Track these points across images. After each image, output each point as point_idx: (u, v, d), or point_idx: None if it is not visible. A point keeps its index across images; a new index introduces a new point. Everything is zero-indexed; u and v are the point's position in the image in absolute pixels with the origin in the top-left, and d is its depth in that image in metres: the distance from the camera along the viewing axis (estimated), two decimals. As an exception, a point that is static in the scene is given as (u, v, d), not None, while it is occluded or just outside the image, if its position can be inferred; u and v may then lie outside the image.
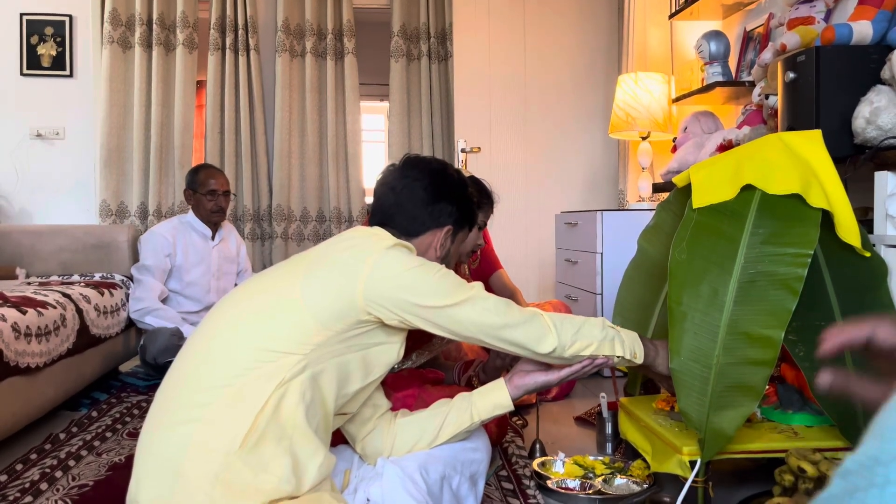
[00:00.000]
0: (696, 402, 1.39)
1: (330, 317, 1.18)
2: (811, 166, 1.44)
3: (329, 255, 1.27)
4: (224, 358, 1.17)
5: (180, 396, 1.17)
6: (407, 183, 1.41)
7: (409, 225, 1.41)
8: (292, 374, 1.14)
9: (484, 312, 1.25)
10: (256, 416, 1.11)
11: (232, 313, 1.24)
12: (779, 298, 1.34)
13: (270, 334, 1.17)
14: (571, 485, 1.73)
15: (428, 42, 4.33)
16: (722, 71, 3.00)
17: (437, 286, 1.24)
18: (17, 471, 1.90)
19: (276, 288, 1.25)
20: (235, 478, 1.08)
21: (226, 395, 1.13)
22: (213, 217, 3.19)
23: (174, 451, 1.11)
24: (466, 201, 1.47)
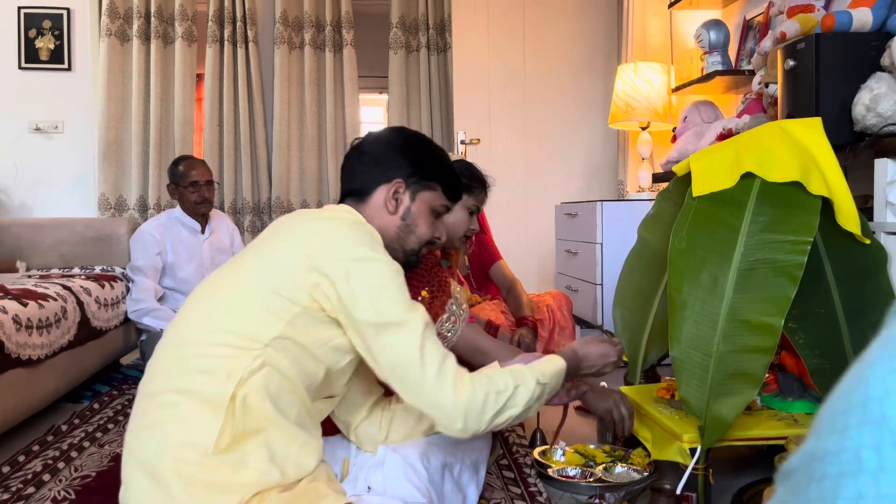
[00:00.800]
0: (696, 390, 1.39)
1: (278, 304, 1.12)
2: (811, 154, 1.44)
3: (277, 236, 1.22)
4: (187, 356, 1.14)
5: (152, 396, 1.15)
6: (359, 145, 1.39)
7: (362, 185, 1.34)
8: (250, 372, 1.10)
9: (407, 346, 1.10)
10: (225, 417, 1.08)
11: (191, 312, 1.21)
12: (779, 286, 1.35)
13: (225, 328, 1.13)
14: (572, 473, 1.74)
15: (427, 33, 4.32)
16: (722, 60, 3.00)
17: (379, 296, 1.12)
18: (20, 462, 1.90)
19: (228, 279, 1.20)
20: (215, 477, 1.06)
21: (194, 394, 1.10)
22: (199, 209, 3.13)
23: (152, 454, 1.09)
24: (422, 154, 1.37)
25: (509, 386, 1.14)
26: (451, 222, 1.81)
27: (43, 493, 1.70)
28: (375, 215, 1.32)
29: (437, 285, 1.66)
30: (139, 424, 1.14)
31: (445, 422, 1.11)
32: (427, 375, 1.10)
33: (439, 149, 1.43)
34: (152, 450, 1.09)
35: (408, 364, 1.10)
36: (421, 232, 1.36)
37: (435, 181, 1.36)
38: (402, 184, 1.34)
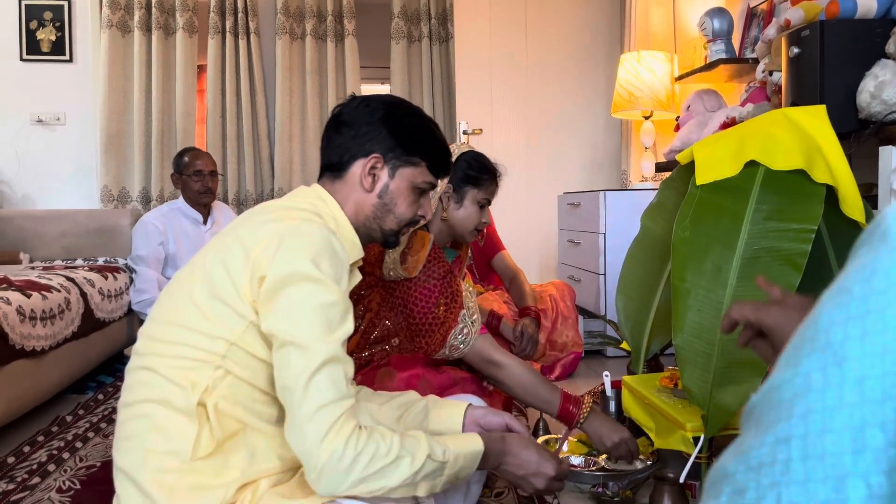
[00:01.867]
0: (699, 379, 1.39)
1: (226, 310, 1.04)
2: (815, 142, 1.43)
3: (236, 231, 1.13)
4: (155, 365, 1.07)
5: (127, 407, 1.10)
6: (337, 114, 1.27)
7: (338, 159, 1.23)
8: (214, 381, 1.04)
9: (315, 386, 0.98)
10: (199, 423, 1.03)
11: (156, 318, 1.15)
12: (782, 274, 1.34)
13: (180, 341, 1.06)
14: (575, 462, 1.74)
15: (429, 23, 4.30)
16: (725, 48, 2.98)
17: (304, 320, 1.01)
18: (25, 452, 1.91)
19: (188, 283, 1.12)
20: (197, 481, 1.03)
21: (165, 404, 1.05)
22: (202, 198, 3.14)
23: (133, 465, 1.06)
24: (405, 126, 1.24)
25: (391, 453, 0.99)
26: (462, 217, 1.80)
27: (48, 483, 1.71)
28: (350, 193, 1.23)
29: (451, 296, 1.65)
30: (119, 436, 1.10)
31: (307, 469, 0.98)
32: (302, 409, 0.97)
33: (426, 119, 1.30)
34: (133, 461, 1.06)
35: (291, 390, 0.98)
36: (400, 211, 1.25)
37: (418, 156, 1.25)
38: (380, 159, 1.22)
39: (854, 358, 0.39)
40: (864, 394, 0.39)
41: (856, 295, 0.41)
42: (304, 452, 0.98)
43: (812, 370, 0.41)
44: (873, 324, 0.39)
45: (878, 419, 0.38)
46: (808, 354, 0.42)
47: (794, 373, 0.42)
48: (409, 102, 1.31)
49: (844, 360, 0.40)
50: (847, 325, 0.40)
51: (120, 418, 1.12)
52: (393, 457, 0.99)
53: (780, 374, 0.44)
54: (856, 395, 0.39)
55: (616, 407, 2.03)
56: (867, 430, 0.38)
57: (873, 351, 0.39)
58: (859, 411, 0.38)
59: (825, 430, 0.39)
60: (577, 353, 2.84)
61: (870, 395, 0.38)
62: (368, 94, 1.29)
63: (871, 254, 0.41)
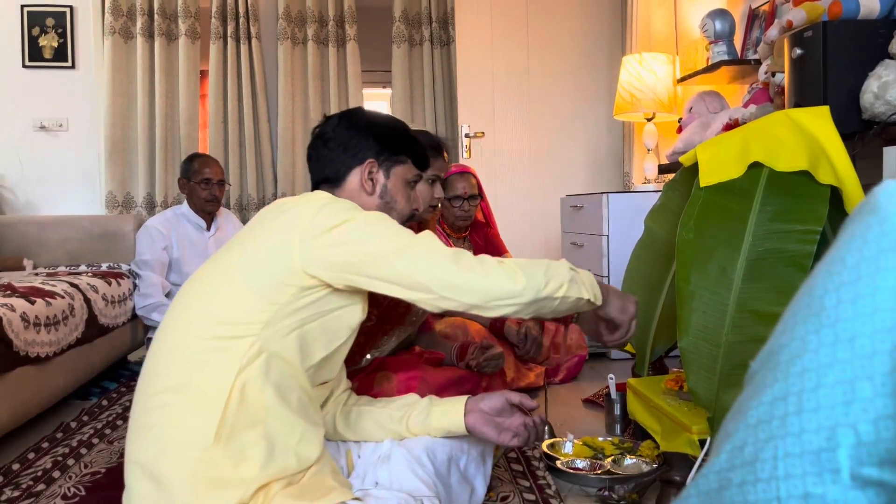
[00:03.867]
0: (705, 381, 1.39)
1: (271, 289, 1.11)
2: (819, 142, 1.43)
3: (261, 224, 1.21)
4: (178, 353, 1.12)
5: (146, 398, 1.14)
6: (321, 132, 1.40)
7: (335, 172, 1.36)
8: (248, 360, 1.09)
9: (433, 259, 1.11)
10: (224, 409, 1.07)
11: (180, 309, 1.20)
12: (788, 276, 1.34)
13: (218, 320, 1.11)
14: (581, 465, 1.74)
15: (430, 27, 4.30)
16: (727, 50, 2.98)
17: (376, 235, 1.13)
18: (30, 459, 1.91)
19: (213, 272, 1.20)
20: (216, 472, 1.06)
21: (188, 392, 1.09)
22: (208, 206, 3.15)
23: (151, 455, 1.08)
24: (386, 130, 1.39)
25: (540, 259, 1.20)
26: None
27: (53, 489, 1.71)
28: (354, 198, 1.33)
29: None
30: (137, 426, 1.13)
31: (512, 285, 1.11)
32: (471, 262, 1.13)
33: (399, 122, 1.46)
34: (152, 451, 1.08)
35: (449, 269, 1.11)
36: (401, 207, 1.39)
37: (403, 154, 1.39)
38: (375, 163, 1.36)
39: (846, 319, 0.42)
40: (854, 350, 0.42)
41: (848, 263, 0.44)
42: (496, 291, 1.11)
43: (807, 333, 0.44)
44: (864, 287, 0.42)
45: (867, 372, 0.41)
46: (803, 320, 0.45)
47: (790, 337, 0.46)
48: (373, 110, 1.48)
49: (838, 322, 0.43)
50: (840, 291, 0.43)
51: (137, 409, 1.14)
52: (545, 261, 1.19)
53: (777, 340, 0.47)
54: (847, 353, 0.42)
55: (621, 410, 2.03)
56: (857, 382, 0.41)
57: (864, 312, 0.42)
58: (850, 366, 0.41)
59: (819, 386, 0.42)
60: (582, 355, 2.83)
61: (860, 352, 0.41)
62: (339, 112, 1.44)
63: (861, 225, 0.44)
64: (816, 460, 0.41)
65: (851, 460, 0.40)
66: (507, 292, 1.12)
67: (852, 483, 0.40)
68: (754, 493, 0.43)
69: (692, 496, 0.48)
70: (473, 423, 1.31)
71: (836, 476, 0.40)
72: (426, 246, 1.14)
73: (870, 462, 0.39)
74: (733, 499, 0.44)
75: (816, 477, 0.41)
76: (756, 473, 0.43)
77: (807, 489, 0.41)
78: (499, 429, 1.32)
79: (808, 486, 0.41)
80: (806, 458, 0.41)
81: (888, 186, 0.44)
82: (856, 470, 0.40)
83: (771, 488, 0.42)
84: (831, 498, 0.40)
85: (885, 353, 0.40)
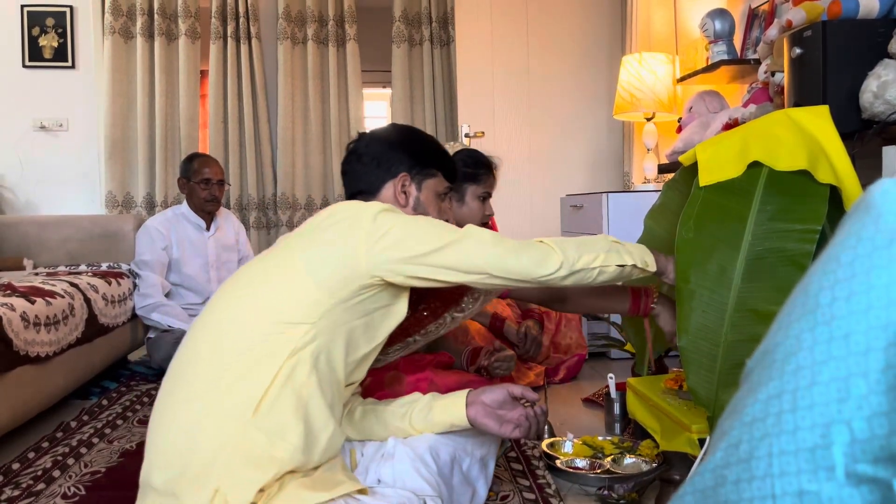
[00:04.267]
0: (704, 380, 1.39)
1: (335, 284, 1.19)
2: (819, 142, 1.42)
3: (324, 227, 1.27)
4: (233, 333, 1.18)
5: (191, 374, 1.18)
6: (354, 148, 1.48)
7: (368, 185, 1.44)
8: (304, 343, 1.16)
9: (482, 244, 1.24)
10: (270, 383, 1.13)
11: (236, 293, 1.25)
12: (787, 275, 1.34)
13: (278, 307, 1.18)
14: (580, 464, 1.74)
15: (430, 27, 4.30)
16: (727, 49, 2.98)
17: (431, 231, 1.24)
18: (30, 459, 1.91)
19: (278, 265, 1.25)
20: (250, 445, 1.10)
21: (237, 367, 1.15)
22: (207, 206, 3.15)
23: (188, 425, 1.13)
24: (417, 145, 1.47)
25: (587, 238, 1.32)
26: (466, 213, 1.85)
27: (53, 489, 1.71)
28: None
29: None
30: (177, 398, 1.18)
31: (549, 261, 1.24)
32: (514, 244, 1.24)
33: (430, 137, 1.53)
34: (192, 419, 1.13)
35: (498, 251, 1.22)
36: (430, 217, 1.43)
37: (434, 167, 1.46)
38: (408, 176, 1.43)
39: (841, 317, 0.42)
40: (849, 347, 0.42)
41: (842, 261, 0.44)
42: (536, 265, 1.23)
43: (802, 331, 0.44)
44: (859, 285, 0.42)
45: (861, 369, 0.41)
46: (798, 318, 0.45)
47: (785, 335, 0.46)
48: (406, 125, 1.56)
49: (833, 319, 0.43)
50: (834, 289, 0.43)
51: (173, 384, 1.20)
52: (579, 238, 1.31)
53: (772, 339, 0.47)
54: (842, 350, 0.42)
55: (621, 409, 2.03)
56: (851, 380, 0.41)
57: (859, 309, 0.42)
58: (844, 364, 0.41)
59: (813, 383, 0.42)
60: (581, 355, 2.83)
61: (855, 349, 0.41)
62: (371, 129, 1.53)
63: (856, 224, 0.45)
64: (811, 457, 0.41)
65: (846, 457, 0.40)
66: (546, 269, 1.24)
67: (847, 480, 0.40)
68: (749, 491, 0.43)
69: (688, 494, 0.48)
70: (475, 415, 1.32)
71: (830, 473, 0.40)
72: (476, 234, 1.25)
73: (864, 459, 0.40)
74: (728, 496, 0.44)
75: (811, 474, 0.41)
76: (751, 471, 0.43)
77: (801, 486, 0.41)
78: (500, 420, 1.33)
79: (802, 483, 0.41)
80: (801, 455, 0.41)
81: (883, 185, 0.44)
82: (850, 467, 0.40)
83: (766, 485, 0.42)
84: (826, 495, 0.40)
85: (879, 350, 0.41)
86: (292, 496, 1.10)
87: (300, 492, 1.10)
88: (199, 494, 1.08)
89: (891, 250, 0.42)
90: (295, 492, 1.10)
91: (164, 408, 1.19)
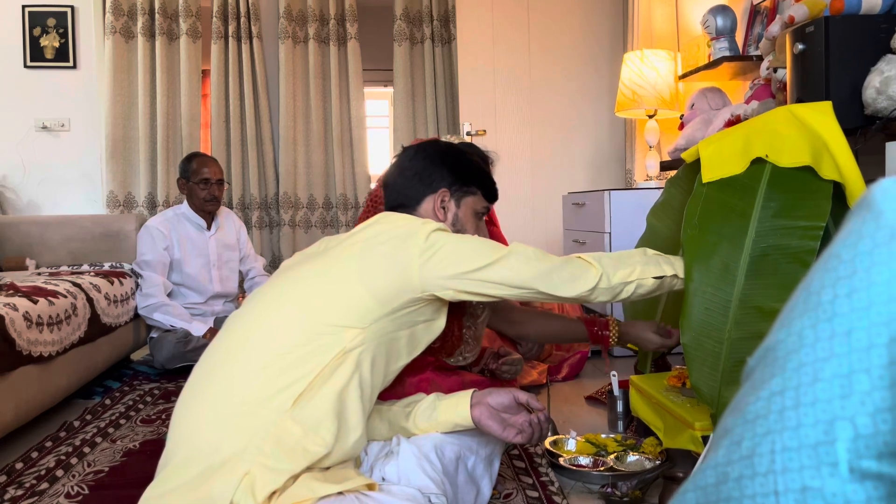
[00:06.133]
0: (708, 377, 1.38)
1: (388, 295, 1.23)
2: (822, 138, 1.42)
3: (381, 240, 1.31)
4: (283, 331, 1.21)
5: (231, 365, 1.21)
6: (398, 162, 1.52)
7: (409, 198, 1.47)
8: (352, 346, 1.19)
9: (528, 261, 1.29)
10: (313, 379, 1.16)
11: (290, 290, 1.28)
12: (791, 272, 1.33)
13: (331, 310, 1.22)
14: (584, 462, 1.74)
15: (431, 25, 4.30)
16: (729, 46, 2.97)
17: (480, 249, 1.29)
18: (33, 458, 1.92)
19: (333, 269, 1.28)
20: (285, 434, 1.13)
21: (282, 362, 1.17)
22: (207, 206, 3.14)
23: (224, 412, 1.15)
24: (460, 163, 1.50)
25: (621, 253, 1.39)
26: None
27: (56, 488, 1.71)
28: None
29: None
30: (215, 382, 1.20)
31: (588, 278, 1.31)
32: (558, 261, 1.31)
33: (473, 156, 1.55)
34: (230, 405, 1.15)
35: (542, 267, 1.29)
36: (469, 235, 1.46)
37: (474, 186, 1.50)
38: (447, 192, 1.47)
39: (843, 314, 0.43)
40: (851, 344, 0.42)
41: (843, 259, 0.44)
42: (578, 281, 1.31)
43: (804, 328, 0.45)
44: (860, 282, 0.43)
45: (864, 366, 0.41)
46: (800, 315, 0.46)
47: (787, 333, 0.46)
48: (447, 142, 1.59)
49: (834, 317, 0.43)
50: (836, 286, 0.44)
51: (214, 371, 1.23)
52: (617, 253, 1.39)
53: (774, 336, 0.47)
54: (844, 346, 0.42)
55: (623, 407, 2.02)
56: (854, 376, 0.41)
57: (860, 306, 0.42)
58: (847, 360, 0.42)
59: (816, 380, 0.42)
60: (584, 352, 2.83)
61: (857, 345, 0.42)
62: (414, 144, 1.57)
63: (857, 221, 0.45)
64: (814, 454, 0.41)
65: (849, 453, 0.40)
66: (586, 286, 1.31)
67: (850, 476, 0.40)
68: (752, 488, 0.43)
69: (689, 491, 0.48)
70: (479, 416, 1.32)
71: (833, 469, 0.40)
72: (523, 251, 1.31)
73: (868, 455, 0.40)
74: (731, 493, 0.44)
75: (814, 470, 0.41)
76: (754, 468, 0.43)
77: (804, 483, 0.41)
78: (504, 424, 1.33)
79: (805, 479, 0.41)
80: (803, 451, 0.41)
81: (884, 183, 0.44)
82: (854, 463, 0.40)
83: (768, 482, 0.42)
84: (829, 491, 0.40)
85: (881, 346, 0.41)
86: (302, 487, 1.12)
87: (310, 483, 1.12)
88: (228, 478, 1.09)
89: (891, 247, 0.42)
90: (306, 483, 1.12)
91: (197, 394, 1.22)
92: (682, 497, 0.49)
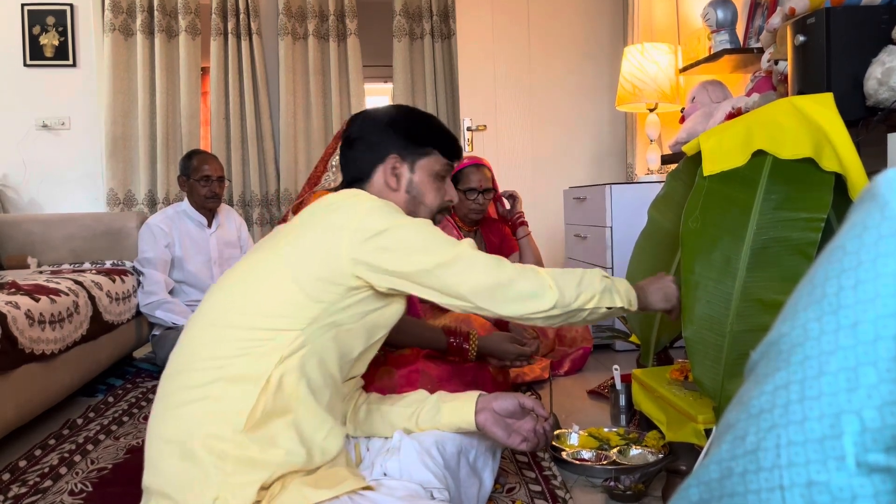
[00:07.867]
0: (710, 371, 1.38)
1: (319, 288, 1.14)
2: (823, 130, 1.41)
3: (309, 222, 1.22)
4: (220, 338, 1.14)
5: (183, 378, 1.16)
6: (345, 137, 1.40)
7: (360, 172, 1.35)
8: (291, 350, 1.12)
9: (474, 271, 1.16)
10: (260, 394, 1.10)
11: (224, 295, 1.21)
12: (792, 264, 1.33)
13: (264, 311, 1.14)
14: (586, 456, 1.74)
15: (430, 20, 4.29)
16: (729, 38, 2.96)
17: (422, 245, 1.16)
18: (37, 456, 1.92)
19: (262, 265, 1.20)
20: (244, 454, 1.08)
21: (227, 373, 1.11)
22: (208, 203, 3.14)
23: (183, 432, 1.10)
24: (409, 123, 1.36)
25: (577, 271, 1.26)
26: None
27: (60, 485, 1.71)
28: (382, 196, 1.32)
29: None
30: (168, 404, 1.15)
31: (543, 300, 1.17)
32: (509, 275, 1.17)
33: (424, 113, 1.42)
34: (183, 428, 1.10)
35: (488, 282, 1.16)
36: (430, 200, 1.37)
37: (429, 145, 1.36)
38: (397, 158, 1.34)
39: (848, 306, 0.42)
40: (857, 337, 0.41)
41: (848, 250, 0.44)
42: (529, 302, 1.17)
43: (809, 321, 0.44)
44: (865, 273, 0.42)
45: (870, 358, 0.40)
46: (804, 308, 0.45)
47: (791, 326, 0.45)
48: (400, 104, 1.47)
49: (839, 309, 0.42)
50: (841, 278, 0.43)
51: (170, 387, 1.17)
52: (580, 272, 1.24)
53: (778, 330, 0.47)
54: (850, 339, 0.41)
55: (626, 401, 2.02)
56: (860, 369, 0.41)
57: (866, 298, 0.42)
58: (853, 353, 0.41)
59: (822, 374, 0.42)
60: (587, 347, 2.83)
61: (863, 338, 0.41)
62: (364, 109, 1.45)
63: (862, 213, 0.44)
64: (820, 448, 0.41)
65: (857, 447, 0.40)
66: (538, 308, 1.18)
67: (858, 470, 0.39)
68: (756, 482, 0.43)
69: (692, 486, 0.48)
70: (484, 422, 1.31)
71: (840, 463, 0.40)
72: (469, 259, 1.17)
73: (875, 448, 0.39)
74: (735, 488, 0.44)
75: (820, 465, 0.40)
76: (758, 462, 0.43)
77: (810, 477, 0.40)
78: (509, 431, 1.32)
79: (811, 473, 0.40)
80: (809, 445, 0.41)
81: (888, 174, 0.44)
82: (861, 457, 0.39)
83: (774, 477, 0.42)
84: (836, 485, 0.40)
85: (888, 338, 0.40)
86: (295, 494, 1.08)
87: (303, 489, 1.08)
88: (200, 500, 1.06)
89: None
90: (297, 490, 1.08)
91: (162, 410, 1.17)
92: (685, 492, 0.49)
